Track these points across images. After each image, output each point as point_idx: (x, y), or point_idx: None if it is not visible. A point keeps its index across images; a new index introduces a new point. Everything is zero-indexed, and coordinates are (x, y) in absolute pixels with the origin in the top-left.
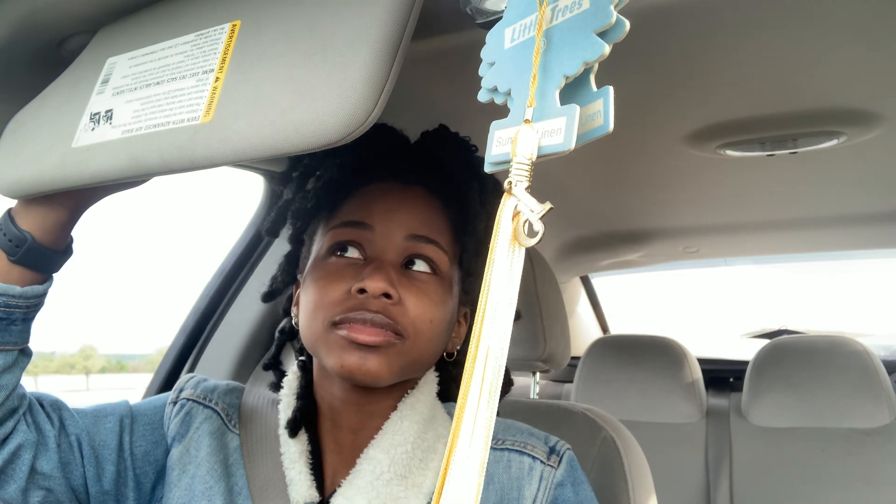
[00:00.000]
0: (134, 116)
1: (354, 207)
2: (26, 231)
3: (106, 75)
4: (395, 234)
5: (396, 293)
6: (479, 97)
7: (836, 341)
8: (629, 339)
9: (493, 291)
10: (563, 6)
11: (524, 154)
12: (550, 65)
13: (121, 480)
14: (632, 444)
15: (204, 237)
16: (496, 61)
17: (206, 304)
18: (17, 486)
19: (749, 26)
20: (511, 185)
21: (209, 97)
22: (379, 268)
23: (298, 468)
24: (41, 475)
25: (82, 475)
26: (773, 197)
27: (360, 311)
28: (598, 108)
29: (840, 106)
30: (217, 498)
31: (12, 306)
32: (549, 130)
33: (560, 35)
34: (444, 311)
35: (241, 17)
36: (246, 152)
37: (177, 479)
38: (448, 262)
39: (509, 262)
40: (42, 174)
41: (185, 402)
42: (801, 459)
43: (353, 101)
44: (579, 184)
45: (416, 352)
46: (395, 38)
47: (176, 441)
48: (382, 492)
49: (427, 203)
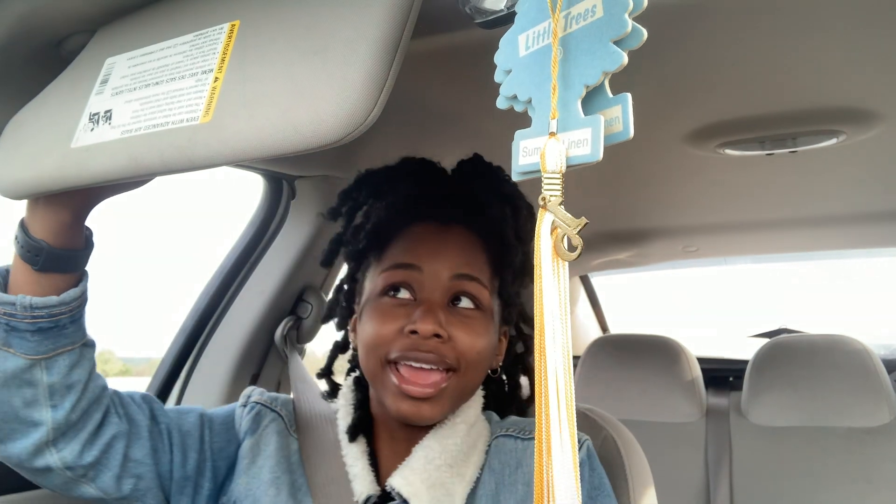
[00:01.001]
0: (133, 117)
1: (402, 249)
2: (40, 239)
3: (105, 75)
4: (442, 275)
5: (445, 332)
6: (499, 104)
7: (836, 340)
8: (629, 338)
9: (548, 309)
10: (577, 14)
11: (553, 167)
12: (570, 74)
13: (200, 469)
14: (632, 444)
15: (204, 237)
16: (513, 69)
17: (206, 305)
18: (112, 474)
19: (748, 25)
20: (546, 201)
21: (208, 97)
22: (429, 310)
23: (361, 465)
24: (133, 462)
25: (169, 461)
26: (773, 196)
27: (414, 350)
28: (616, 113)
29: (839, 105)
30: (283, 488)
31: (56, 315)
32: (575, 141)
33: (576, 43)
34: (489, 340)
35: (241, 16)
36: (245, 152)
37: (246, 467)
38: (489, 295)
39: (555, 277)
40: (41, 175)
41: (254, 405)
42: (800, 458)
43: (352, 101)
44: (578, 183)
45: (466, 381)
46: (394, 37)
47: (248, 434)
48: (433, 475)
49: (467, 241)
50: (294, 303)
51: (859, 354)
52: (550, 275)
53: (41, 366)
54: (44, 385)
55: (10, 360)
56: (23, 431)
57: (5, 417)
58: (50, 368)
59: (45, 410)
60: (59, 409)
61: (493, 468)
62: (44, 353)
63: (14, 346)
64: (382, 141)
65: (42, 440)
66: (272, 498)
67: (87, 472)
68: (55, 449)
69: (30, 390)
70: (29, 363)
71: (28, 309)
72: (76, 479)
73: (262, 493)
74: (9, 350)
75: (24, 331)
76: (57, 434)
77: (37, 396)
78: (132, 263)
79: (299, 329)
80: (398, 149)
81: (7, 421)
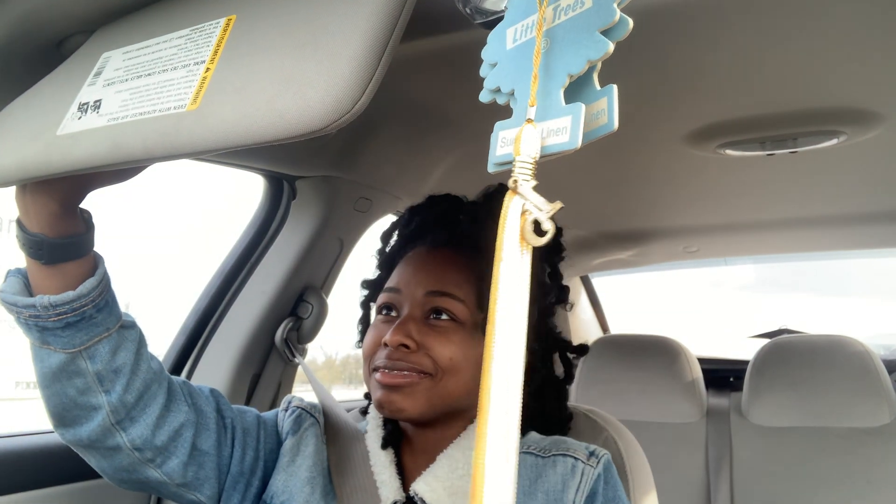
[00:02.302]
0: (121, 105)
1: (394, 275)
2: (37, 233)
3: (99, 68)
4: (416, 293)
5: (413, 342)
6: (481, 97)
7: (836, 341)
8: (629, 338)
9: (502, 294)
10: (566, 5)
11: (527, 153)
12: (554, 64)
13: (253, 468)
14: (632, 444)
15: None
16: (498, 62)
17: (207, 304)
18: (179, 461)
19: (749, 26)
20: (516, 184)
21: (197, 86)
22: (400, 325)
23: (389, 473)
24: (199, 451)
25: (230, 455)
26: (773, 196)
27: (388, 359)
28: (602, 106)
29: (840, 105)
30: (317, 489)
31: (78, 308)
32: (554, 129)
33: (563, 34)
34: (465, 351)
35: (237, 11)
36: (229, 139)
37: (286, 464)
38: (467, 310)
39: (518, 264)
40: (25, 161)
41: (295, 409)
42: (801, 459)
43: (340, 89)
44: (579, 183)
45: (442, 387)
46: (386, 31)
47: (290, 434)
48: (456, 483)
49: (449, 261)
50: (295, 303)
51: (859, 355)
52: (512, 259)
53: (83, 356)
54: (91, 373)
55: (53, 356)
56: (85, 416)
57: (66, 406)
58: (92, 357)
59: (99, 395)
60: (112, 392)
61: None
62: (80, 344)
63: (51, 343)
64: (383, 141)
65: (105, 422)
66: (307, 496)
67: (156, 456)
68: (121, 430)
69: (80, 380)
70: (70, 356)
71: (49, 308)
72: (144, 461)
73: (298, 490)
74: (48, 347)
75: (54, 328)
76: (118, 416)
77: (88, 384)
78: (132, 264)
79: (300, 330)
80: (398, 149)
81: (68, 409)
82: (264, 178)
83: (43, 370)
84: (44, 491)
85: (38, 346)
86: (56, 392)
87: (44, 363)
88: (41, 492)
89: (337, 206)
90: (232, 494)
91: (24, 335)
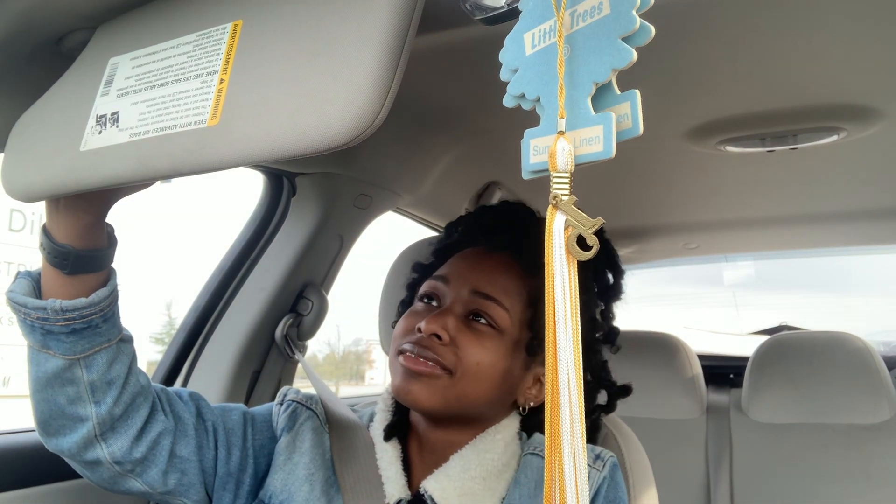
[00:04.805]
0: (140, 119)
1: (446, 265)
2: (65, 244)
3: (109, 76)
4: (462, 289)
5: (447, 334)
6: (505, 102)
7: (836, 337)
8: (629, 335)
9: (560, 310)
10: (583, 11)
11: (563, 166)
12: (578, 72)
13: (242, 467)
14: (632, 441)
15: (204, 235)
16: (519, 67)
17: (207, 302)
18: (158, 470)
19: (749, 23)
20: (557, 200)
21: (215, 100)
22: (438, 315)
23: (395, 469)
24: (179, 458)
25: (213, 457)
26: (773, 193)
27: (416, 345)
28: (625, 110)
29: (840, 102)
30: (317, 484)
31: (87, 316)
32: (587, 139)
33: (584, 41)
34: (496, 359)
35: (243, 16)
36: (255, 155)
37: (283, 463)
38: (510, 321)
39: (564, 276)
40: (52, 178)
41: (290, 403)
42: (801, 455)
43: (358, 104)
44: (578, 180)
45: (460, 388)
46: (399, 38)
47: (284, 432)
48: (467, 485)
49: (504, 267)
50: (295, 300)
51: (859, 351)
52: (560, 272)
53: (80, 364)
54: (85, 382)
55: (51, 361)
56: (70, 427)
57: (53, 415)
58: (89, 366)
59: (88, 406)
60: (101, 404)
61: (519, 483)
62: (81, 352)
63: (52, 348)
64: (383, 138)
65: (89, 434)
66: (306, 494)
67: (135, 467)
68: (104, 443)
69: (72, 388)
70: (68, 363)
71: (59, 312)
72: (124, 473)
73: (297, 489)
74: (48, 352)
75: (59, 333)
76: (103, 428)
77: (79, 393)
78: (132, 263)
79: (300, 326)
80: (399, 146)
81: (55, 418)
82: (264, 174)
83: (38, 374)
84: (43, 487)
85: (38, 349)
86: (46, 398)
87: (40, 367)
88: (41, 489)
89: (337, 202)
90: (223, 495)
91: (24, 337)
